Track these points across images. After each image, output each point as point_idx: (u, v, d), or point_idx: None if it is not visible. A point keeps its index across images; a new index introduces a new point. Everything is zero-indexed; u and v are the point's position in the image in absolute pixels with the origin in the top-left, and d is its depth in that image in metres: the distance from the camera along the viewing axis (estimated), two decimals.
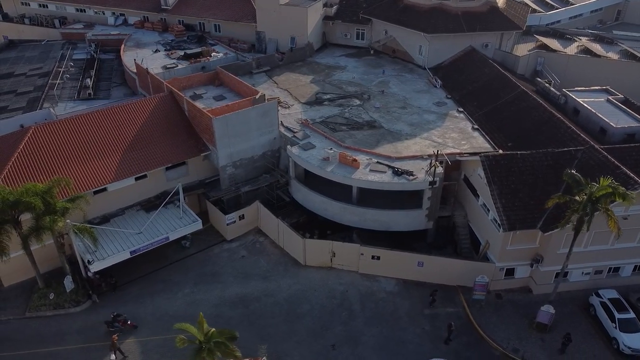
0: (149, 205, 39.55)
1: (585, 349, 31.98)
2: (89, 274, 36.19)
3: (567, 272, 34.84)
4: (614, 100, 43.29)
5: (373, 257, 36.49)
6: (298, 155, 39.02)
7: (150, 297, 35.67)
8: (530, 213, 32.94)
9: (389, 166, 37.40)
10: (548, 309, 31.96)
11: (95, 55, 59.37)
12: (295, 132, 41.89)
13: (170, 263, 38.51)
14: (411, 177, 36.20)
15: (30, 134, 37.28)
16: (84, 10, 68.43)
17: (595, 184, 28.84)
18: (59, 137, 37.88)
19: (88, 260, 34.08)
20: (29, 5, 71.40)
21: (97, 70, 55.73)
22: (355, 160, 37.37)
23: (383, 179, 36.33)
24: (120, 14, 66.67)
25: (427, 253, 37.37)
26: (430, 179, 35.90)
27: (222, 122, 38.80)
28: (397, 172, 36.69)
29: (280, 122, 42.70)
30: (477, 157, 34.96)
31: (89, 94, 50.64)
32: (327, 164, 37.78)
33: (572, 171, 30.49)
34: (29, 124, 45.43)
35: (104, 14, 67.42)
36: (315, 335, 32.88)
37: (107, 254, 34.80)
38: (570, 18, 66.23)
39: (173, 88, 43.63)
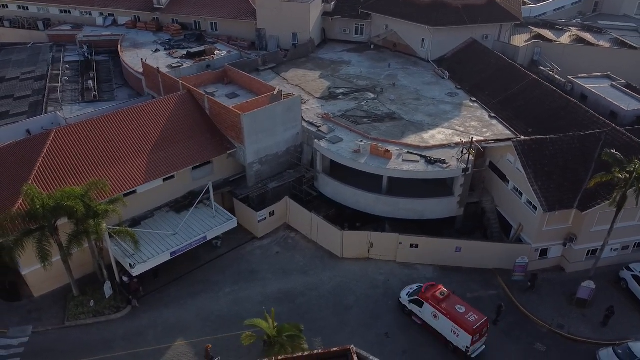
0: (178, 205, 38.78)
1: (623, 321, 33.50)
2: (124, 279, 35.20)
3: (597, 249, 36.39)
4: (618, 85, 45.46)
5: (411, 246, 37.02)
6: (328, 148, 39.12)
7: (192, 298, 35.00)
8: (565, 194, 34.25)
9: (421, 155, 38.06)
10: (589, 284, 33.31)
11: (90, 57, 57.50)
12: (319, 127, 41.95)
13: (204, 263, 37.89)
14: (445, 165, 36.94)
15: (53, 138, 35.83)
16: (69, 11, 66.13)
17: (638, 161, 30.28)
18: (81, 139, 36.52)
19: (130, 264, 33.10)
20: (7, 7, 68.39)
21: (96, 72, 54.00)
22: (387, 151, 37.81)
23: (418, 168, 36.93)
24: (109, 14, 64.74)
25: (458, 239, 38.20)
26: (464, 166, 36.75)
27: (250, 118, 38.45)
28: (430, 161, 37.37)
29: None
30: (509, 143, 36.00)
31: (94, 95, 49.11)
32: (359, 156, 38.05)
33: (613, 151, 31.88)
34: (35, 129, 44.18)
35: (90, 14, 65.34)
36: (366, 325, 33.14)
37: (146, 256, 33.91)
38: (555, 10, 68.91)
39: (191, 87, 42.87)
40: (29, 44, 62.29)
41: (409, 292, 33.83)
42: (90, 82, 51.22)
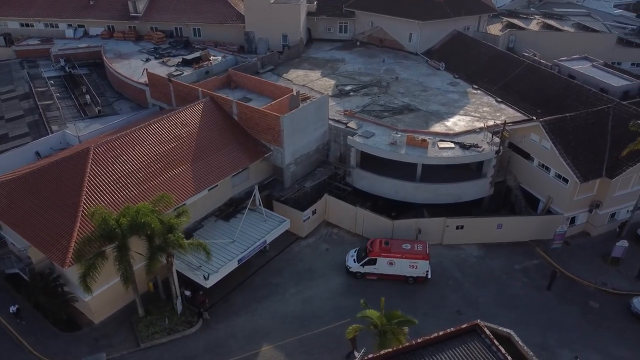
0: (224, 214, 38.37)
1: None
2: (186, 293, 34.37)
3: (615, 212, 40.52)
4: (598, 65, 50.30)
5: (457, 227, 39.10)
6: (364, 143, 40.26)
7: (259, 303, 34.90)
8: (593, 165, 37.76)
9: (454, 142, 40.22)
10: (622, 243, 37.07)
11: (71, 71, 54.56)
12: (346, 123, 42.96)
13: (258, 268, 37.72)
14: (480, 149, 39.36)
15: (92, 156, 34.15)
16: (32, 24, 61.96)
17: None
18: (119, 155, 35.16)
19: (204, 276, 32.46)
20: None
21: (87, 86, 51.38)
22: (424, 140, 39.62)
23: (456, 154, 39.07)
24: (78, 25, 61.42)
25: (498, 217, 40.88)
26: (496, 148, 39.38)
27: (289, 119, 38.76)
28: (465, 146, 39.64)
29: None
30: (536, 123, 39.00)
31: (99, 110, 46.85)
32: (398, 147, 39.52)
33: (639, 121, 35.65)
34: (44, 150, 41.92)
35: (57, 26, 61.67)
36: (437, 306, 34.80)
37: (216, 267, 33.38)
38: (511, 0, 74.19)
39: (214, 93, 42.33)
40: None
41: (354, 259, 36.75)
42: (87, 96, 48.74)
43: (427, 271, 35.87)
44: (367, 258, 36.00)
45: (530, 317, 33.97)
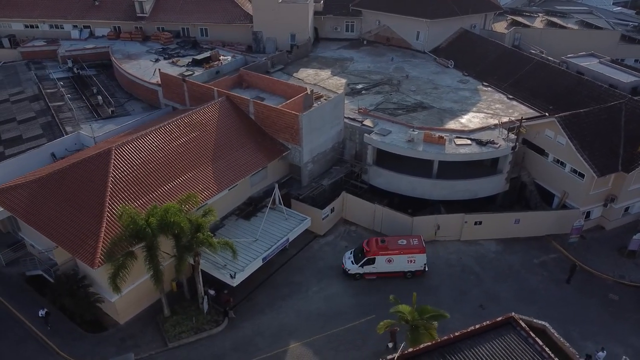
0: (244, 212, 38.46)
1: None
2: (210, 292, 34.38)
3: (629, 206, 41.12)
4: (605, 62, 50.96)
5: (475, 223, 39.46)
6: (381, 141, 40.49)
7: (283, 301, 35.02)
8: (609, 159, 38.26)
9: (470, 139, 40.58)
10: (639, 236, 37.59)
11: (80, 72, 54.28)
12: (362, 121, 43.16)
13: (279, 266, 37.82)
14: (496, 145, 39.75)
15: (114, 157, 34.06)
16: (36, 26, 61.53)
17: None
18: (140, 156, 35.11)
19: (230, 274, 32.52)
20: None
21: (98, 87, 51.16)
22: (441, 137, 39.93)
23: (473, 151, 39.42)
24: (84, 26, 61.09)
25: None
26: (512, 144, 39.78)
27: (307, 118, 38.90)
28: (482, 143, 40.00)
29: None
30: (552, 119, 39.45)
31: (112, 111, 46.66)
32: (415, 144, 39.80)
33: None
34: (59, 151, 41.77)
35: (62, 27, 61.30)
36: (459, 301, 35.10)
37: (241, 266, 33.44)
38: None
39: (230, 93, 42.38)
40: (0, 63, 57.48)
41: (351, 261, 36.46)
42: (99, 97, 48.53)
43: (425, 264, 36.23)
44: (366, 258, 35.90)
45: (551, 311, 34.29)
